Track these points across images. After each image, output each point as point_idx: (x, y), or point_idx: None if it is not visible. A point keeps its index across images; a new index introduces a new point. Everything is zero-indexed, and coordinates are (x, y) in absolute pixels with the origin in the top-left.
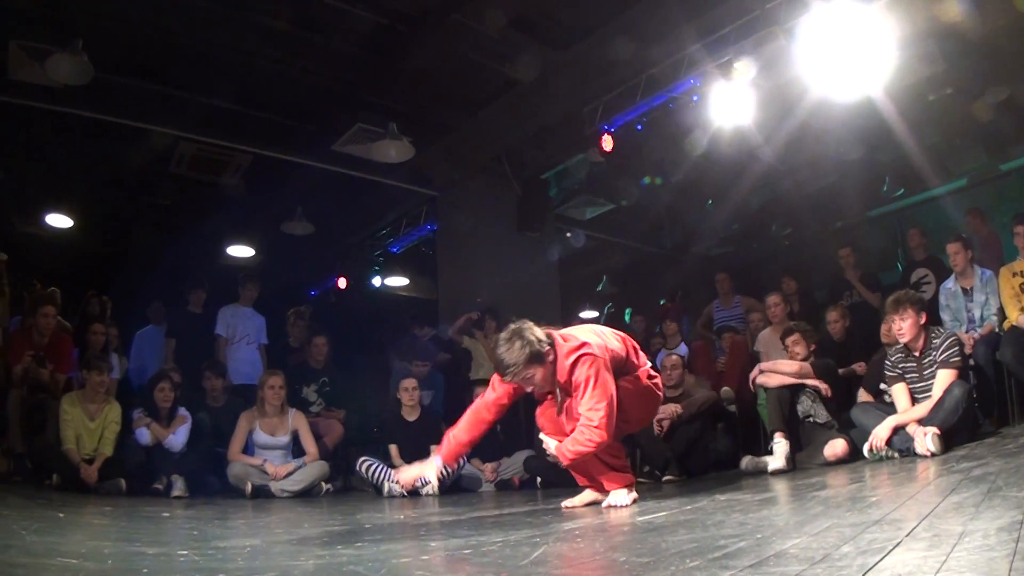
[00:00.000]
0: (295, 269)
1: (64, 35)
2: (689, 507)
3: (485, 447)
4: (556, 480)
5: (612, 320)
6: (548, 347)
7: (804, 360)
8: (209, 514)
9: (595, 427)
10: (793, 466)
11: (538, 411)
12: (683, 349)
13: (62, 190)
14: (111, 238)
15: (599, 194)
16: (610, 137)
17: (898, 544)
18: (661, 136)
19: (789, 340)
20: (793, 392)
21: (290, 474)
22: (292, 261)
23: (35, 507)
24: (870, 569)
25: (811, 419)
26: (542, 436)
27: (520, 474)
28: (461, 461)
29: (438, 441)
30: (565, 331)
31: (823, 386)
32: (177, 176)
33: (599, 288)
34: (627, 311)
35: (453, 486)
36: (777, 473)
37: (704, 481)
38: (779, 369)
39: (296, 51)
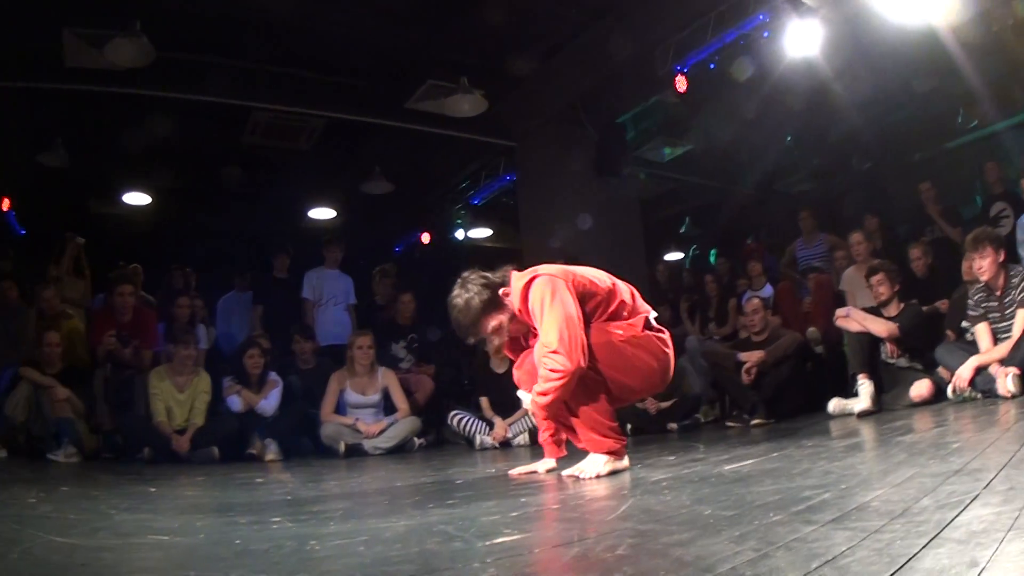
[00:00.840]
0: (378, 227)
1: (118, 18)
2: (776, 454)
3: None
4: (646, 427)
5: (698, 262)
6: (500, 285)
7: (888, 301)
8: (303, 476)
9: (553, 352)
10: (879, 407)
11: (514, 367)
12: (768, 290)
13: (137, 169)
14: (190, 211)
15: (676, 135)
16: (683, 77)
17: (975, 498)
18: (744, 78)
19: (873, 280)
20: (875, 336)
21: (382, 431)
22: (374, 220)
23: (126, 484)
24: (946, 525)
25: (894, 363)
26: (519, 392)
27: None
28: None
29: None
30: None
31: (892, 349)
32: (252, 145)
33: (682, 230)
34: (712, 252)
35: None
36: (864, 415)
37: (792, 425)
38: (870, 327)
39: (361, 12)
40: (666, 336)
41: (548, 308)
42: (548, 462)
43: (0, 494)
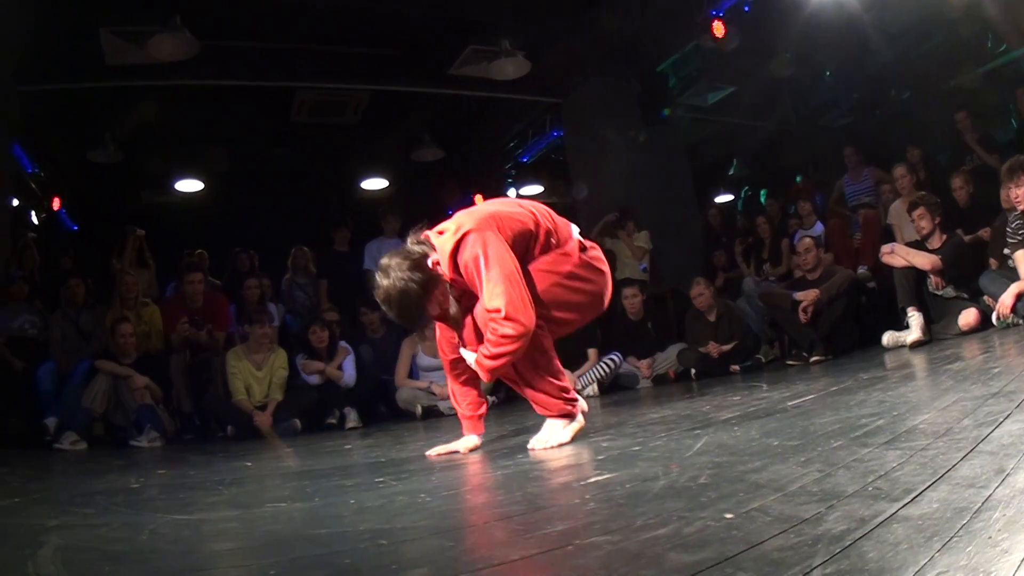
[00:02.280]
0: (430, 193)
1: (155, 14)
2: (835, 388)
3: (639, 344)
4: (710, 371)
5: (749, 204)
6: (425, 256)
7: (930, 234)
8: (387, 440)
9: (504, 319)
10: (930, 337)
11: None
12: (819, 228)
13: (187, 157)
14: (244, 194)
15: (718, 78)
16: (720, 22)
17: (1008, 416)
18: (770, 14)
19: (914, 214)
20: (920, 269)
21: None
22: (426, 186)
23: (219, 461)
24: (981, 441)
25: (941, 295)
26: (462, 351)
27: (675, 367)
28: (617, 359)
29: (592, 343)
30: (439, 226)
31: (937, 281)
32: (299, 124)
33: (730, 172)
34: (762, 192)
35: (612, 385)
36: (916, 345)
37: (849, 359)
38: (913, 262)
39: None
40: (598, 252)
41: (486, 269)
42: (470, 439)
43: (99, 483)
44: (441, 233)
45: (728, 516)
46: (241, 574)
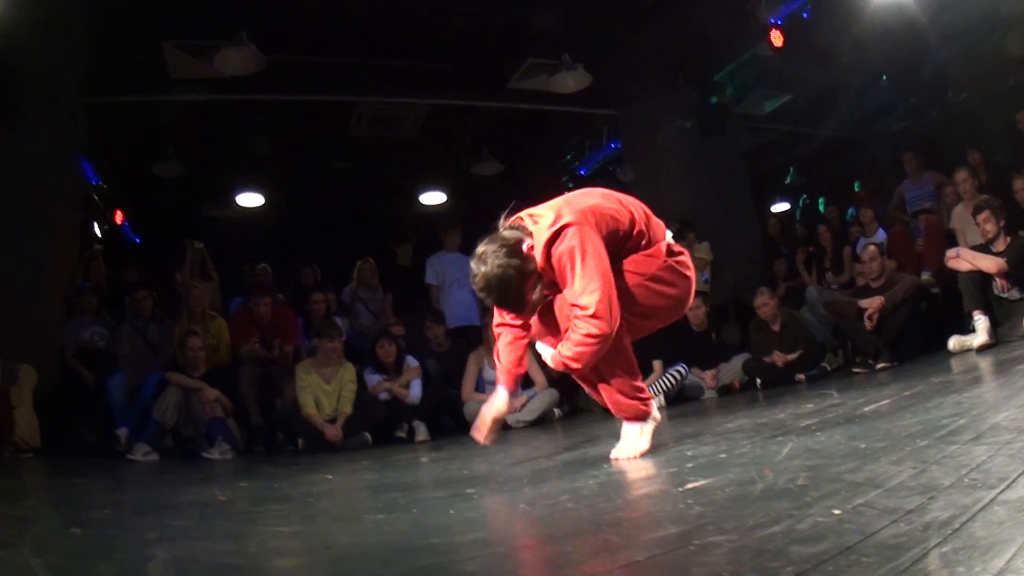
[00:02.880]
0: (489, 207)
1: (217, 29)
2: (908, 392)
3: (703, 355)
4: (775, 380)
5: (807, 212)
6: (521, 241)
7: (995, 237)
8: (461, 453)
9: (591, 316)
10: (996, 340)
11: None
12: (881, 235)
13: (248, 171)
14: (305, 208)
15: (774, 86)
16: (778, 31)
17: None
18: (828, 20)
19: (979, 218)
20: (985, 272)
21: (524, 405)
22: (484, 200)
23: (298, 474)
24: None
25: (1007, 297)
26: (538, 345)
27: (740, 377)
28: (683, 371)
29: (658, 355)
30: (532, 210)
31: (1002, 284)
32: (359, 138)
33: (787, 180)
34: (820, 201)
35: (677, 396)
36: (983, 349)
37: (916, 365)
38: (979, 265)
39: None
40: (686, 257)
41: (582, 265)
42: (501, 396)
43: (183, 494)
44: (536, 220)
45: (836, 512)
46: None
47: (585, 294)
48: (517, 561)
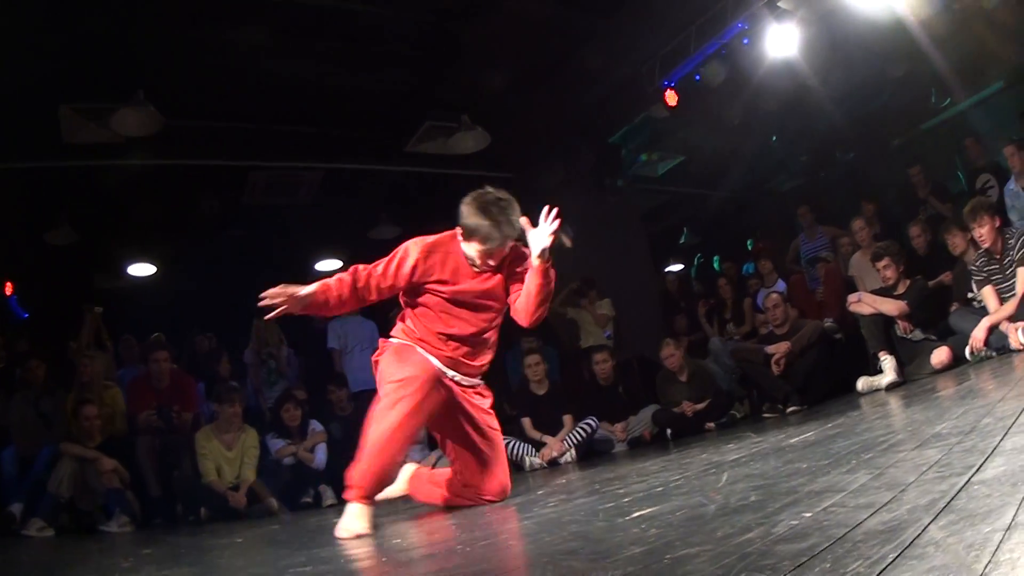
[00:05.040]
0: None
1: (114, 91)
2: (830, 425)
3: (611, 409)
4: (686, 430)
5: (703, 270)
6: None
7: (896, 281)
8: (376, 512)
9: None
10: (904, 379)
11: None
12: (781, 285)
13: (140, 240)
14: (199, 276)
15: (667, 148)
16: (673, 92)
17: (1012, 425)
18: (719, 82)
19: (879, 264)
20: (887, 315)
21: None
22: None
23: (205, 539)
24: (995, 447)
25: (910, 338)
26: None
27: (650, 428)
28: (593, 424)
29: (567, 410)
30: None
31: (905, 325)
32: (253, 205)
33: (682, 240)
34: (715, 259)
35: (588, 451)
36: (892, 387)
37: (826, 407)
38: (881, 308)
39: (351, 66)
40: None
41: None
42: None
43: (84, 566)
44: None
45: (807, 515)
46: None
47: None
48: None
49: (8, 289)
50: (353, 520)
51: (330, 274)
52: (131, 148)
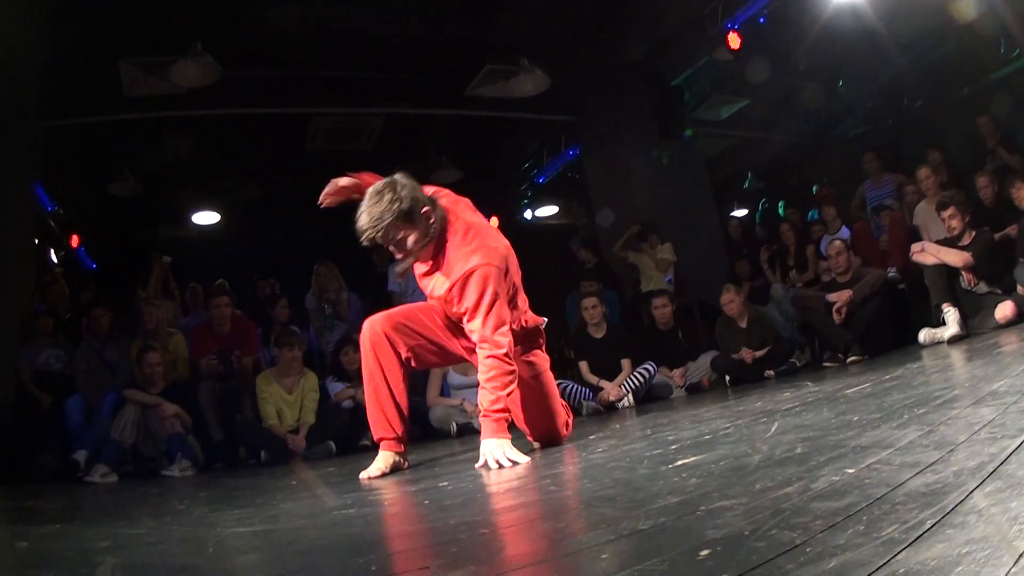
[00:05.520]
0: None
1: (173, 43)
2: (888, 377)
3: (670, 354)
4: (745, 377)
5: (767, 216)
6: (428, 207)
7: (961, 232)
8: (427, 455)
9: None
10: (967, 332)
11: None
12: (845, 232)
13: (204, 189)
14: (262, 224)
15: (731, 92)
16: (736, 35)
17: None
18: (784, 25)
19: (945, 213)
20: (951, 267)
21: None
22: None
23: (260, 482)
24: None
25: (974, 291)
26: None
27: (709, 375)
28: (652, 369)
29: (626, 354)
30: (471, 217)
31: (969, 278)
32: (314, 152)
33: (746, 185)
34: (780, 204)
35: (646, 395)
36: (954, 340)
37: (888, 358)
38: (945, 259)
39: (411, 10)
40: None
41: (486, 309)
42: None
43: (141, 507)
44: (469, 228)
45: (849, 471)
46: (340, 571)
47: (501, 334)
48: (505, 539)
49: (74, 241)
50: (375, 464)
51: None
52: (192, 99)
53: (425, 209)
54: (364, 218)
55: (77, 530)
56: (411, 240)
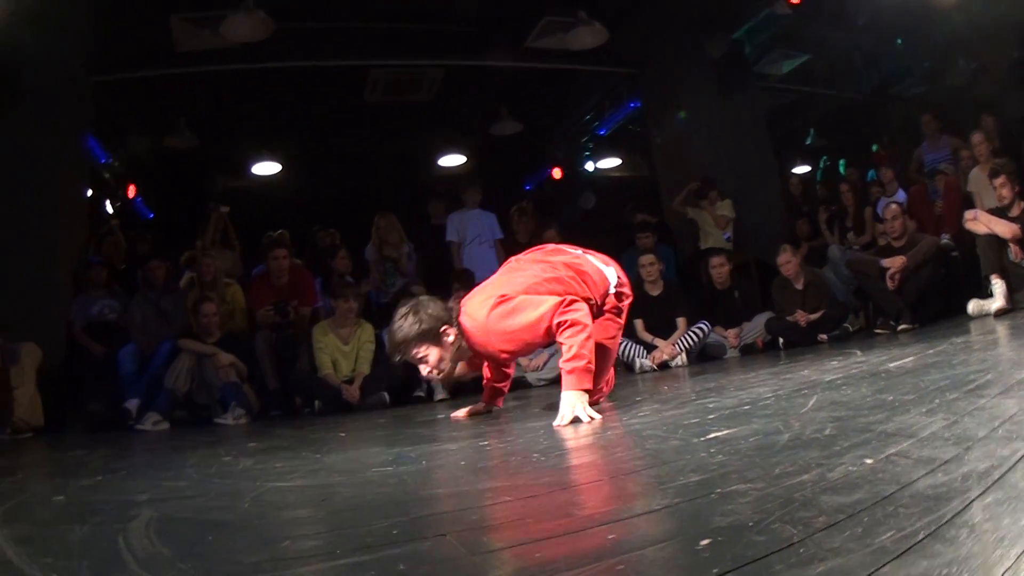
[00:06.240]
0: (507, 167)
1: None
2: (931, 351)
3: (726, 314)
4: (798, 340)
5: (828, 174)
6: (448, 326)
7: (1011, 201)
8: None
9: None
10: (1013, 305)
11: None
12: (901, 195)
13: (263, 140)
14: (322, 175)
15: (792, 46)
16: None
17: None
18: None
19: (996, 182)
20: (1001, 237)
21: (545, 364)
22: (503, 160)
23: (310, 433)
24: None
25: (1021, 263)
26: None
27: (762, 336)
28: (706, 328)
29: (681, 313)
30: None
31: (1016, 250)
32: (374, 103)
33: (807, 142)
34: (841, 162)
35: (700, 353)
36: (1001, 313)
37: (937, 327)
38: (994, 229)
39: None
40: (623, 304)
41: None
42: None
43: (187, 458)
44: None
45: (868, 461)
46: (362, 533)
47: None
48: (524, 509)
49: (131, 192)
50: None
51: (453, 171)
52: (245, 53)
53: (444, 328)
54: (388, 339)
55: (118, 482)
56: (433, 357)
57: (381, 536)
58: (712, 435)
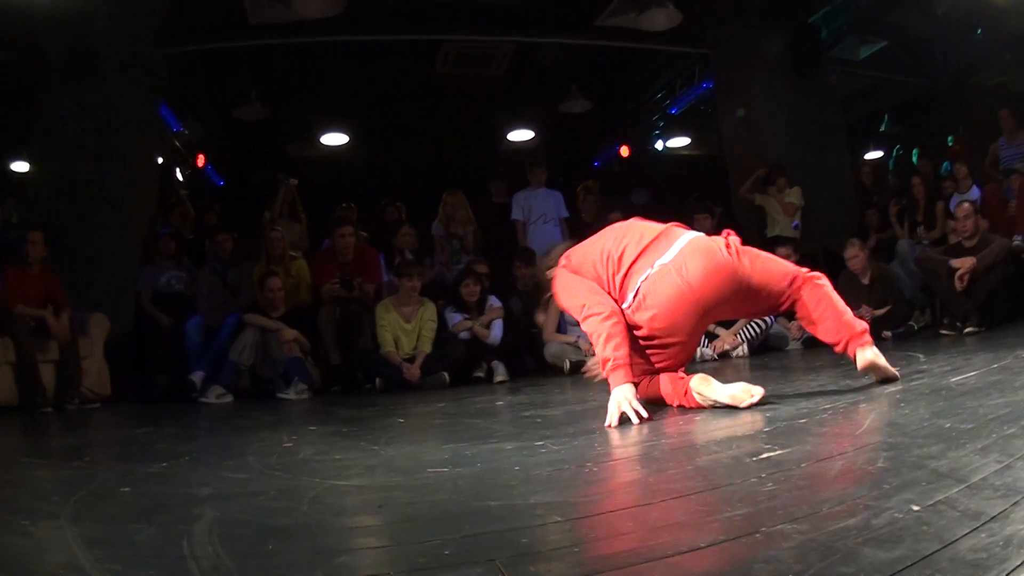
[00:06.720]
0: (575, 145)
1: None
2: (996, 366)
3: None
4: None
5: (900, 163)
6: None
7: None
8: (538, 397)
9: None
10: None
11: None
12: (975, 192)
13: (332, 111)
14: (391, 147)
15: (869, 31)
16: None
17: None
18: None
19: None
20: None
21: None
22: (572, 138)
23: (370, 418)
24: None
25: None
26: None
27: None
28: (769, 320)
29: None
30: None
31: None
32: (444, 75)
33: (882, 128)
34: (914, 152)
35: (761, 346)
36: None
37: (1004, 333)
38: None
39: None
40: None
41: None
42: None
43: (251, 440)
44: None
45: (915, 508)
46: (415, 552)
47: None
48: (572, 534)
49: (200, 160)
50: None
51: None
52: (318, 26)
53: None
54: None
55: (183, 473)
56: None
57: (433, 556)
58: (765, 455)
